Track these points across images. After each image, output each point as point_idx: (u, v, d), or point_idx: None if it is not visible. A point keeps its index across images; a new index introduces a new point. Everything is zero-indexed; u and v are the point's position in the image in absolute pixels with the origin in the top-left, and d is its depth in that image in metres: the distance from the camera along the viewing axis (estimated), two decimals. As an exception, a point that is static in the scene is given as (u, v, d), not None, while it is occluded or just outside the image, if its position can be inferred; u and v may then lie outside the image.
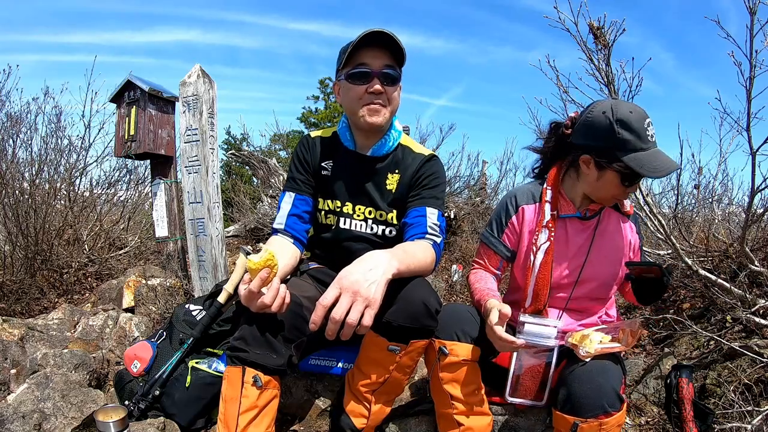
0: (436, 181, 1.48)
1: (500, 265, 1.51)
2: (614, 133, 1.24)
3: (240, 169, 8.40)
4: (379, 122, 1.41)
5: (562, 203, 1.42)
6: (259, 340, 1.21)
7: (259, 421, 1.19)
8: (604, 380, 1.17)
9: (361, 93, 1.38)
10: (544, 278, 1.37)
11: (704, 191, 3.11)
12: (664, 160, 1.24)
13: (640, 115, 1.25)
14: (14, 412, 1.42)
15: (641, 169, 1.22)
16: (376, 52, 1.36)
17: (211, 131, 2.38)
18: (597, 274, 1.39)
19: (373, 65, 1.36)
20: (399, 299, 1.22)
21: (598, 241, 1.40)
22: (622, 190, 1.31)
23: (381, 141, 1.48)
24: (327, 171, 1.52)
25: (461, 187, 6.05)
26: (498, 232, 1.49)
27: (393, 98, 1.42)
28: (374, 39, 1.33)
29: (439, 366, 1.31)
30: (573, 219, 1.40)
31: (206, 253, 2.36)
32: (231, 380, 1.21)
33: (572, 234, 1.40)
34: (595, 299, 1.43)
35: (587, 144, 1.32)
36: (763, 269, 2.01)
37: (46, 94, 3.55)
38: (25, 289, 2.76)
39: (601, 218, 1.41)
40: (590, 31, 2.04)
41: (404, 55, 1.38)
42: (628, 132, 1.23)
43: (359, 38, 1.32)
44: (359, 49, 1.34)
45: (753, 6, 1.58)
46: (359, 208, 1.50)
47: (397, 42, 1.33)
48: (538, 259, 1.37)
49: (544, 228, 1.38)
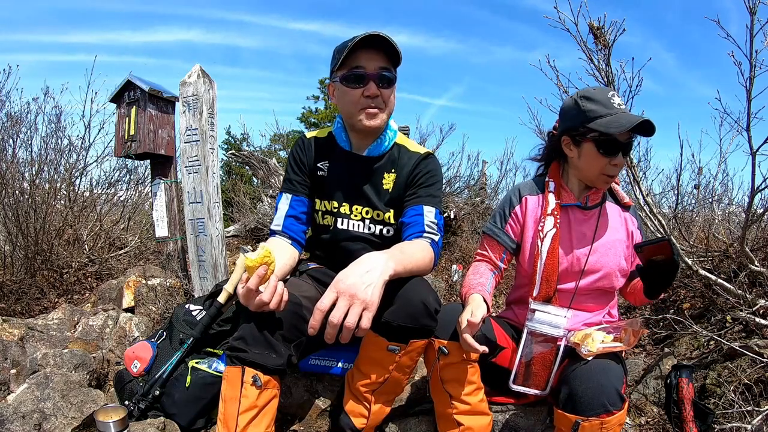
0: (433, 179, 1.48)
1: (503, 256, 1.50)
2: (580, 107, 1.36)
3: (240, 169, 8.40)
4: (376, 125, 1.41)
5: (564, 194, 1.46)
6: (258, 339, 1.21)
7: (259, 421, 1.19)
8: (605, 379, 1.17)
9: (358, 96, 1.37)
10: (552, 264, 1.39)
11: (704, 191, 3.11)
12: (629, 118, 1.30)
13: (604, 90, 1.37)
14: (14, 412, 1.42)
15: (608, 129, 1.30)
16: (371, 54, 1.35)
17: (211, 131, 2.38)
18: (602, 263, 1.40)
19: (368, 67, 1.35)
20: (398, 299, 1.22)
21: (601, 230, 1.43)
22: (604, 161, 1.35)
23: (377, 141, 1.48)
24: (323, 171, 1.52)
25: (461, 187, 6.06)
26: (501, 222, 1.51)
27: (389, 100, 1.42)
28: (369, 41, 1.32)
29: (438, 366, 1.31)
30: (574, 208, 1.44)
31: (206, 253, 2.36)
32: (230, 380, 1.21)
33: (575, 223, 1.43)
34: (601, 293, 1.44)
35: (563, 128, 1.43)
36: (763, 269, 2.01)
37: (46, 94, 3.56)
38: (25, 289, 2.76)
39: (602, 209, 1.45)
40: (590, 31, 2.04)
41: (400, 57, 1.38)
42: (592, 103, 1.34)
43: (354, 42, 1.31)
44: (354, 51, 1.34)
45: (753, 6, 1.58)
46: (356, 208, 1.50)
47: (392, 43, 1.33)
48: (545, 246, 1.40)
49: (549, 216, 1.42)
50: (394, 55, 1.37)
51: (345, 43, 1.35)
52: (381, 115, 1.40)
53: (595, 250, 1.41)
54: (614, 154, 1.34)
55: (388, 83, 1.39)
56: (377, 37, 1.31)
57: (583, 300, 1.42)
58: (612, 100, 1.34)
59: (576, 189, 1.46)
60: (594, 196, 1.45)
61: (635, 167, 2.22)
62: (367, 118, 1.39)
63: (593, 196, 1.45)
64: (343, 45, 1.36)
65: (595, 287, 1.42)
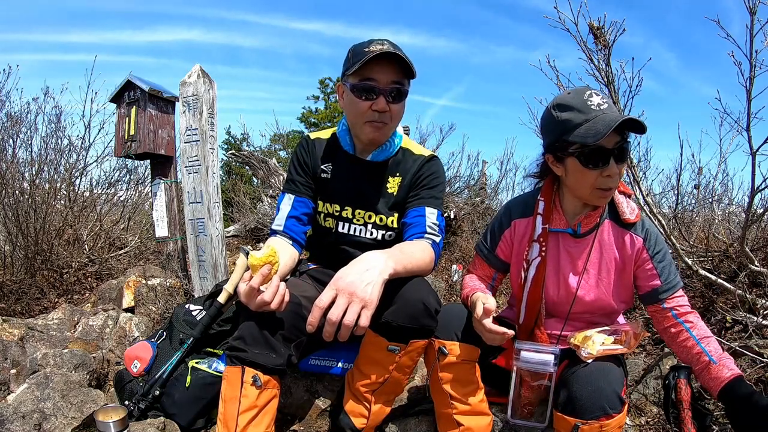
0: (436, 181, 1.48)
1: (494, 275, 1.48)
2: (555, 119, 1.20)
3: (240, 169, 8.40)
4: (381, 139, 1.41)
5: (555, 217, 1.35)
6: (258, 339, 1.21)
7: (259, 421, 1.19)
8: (605, 382, 1.16)
9: (365, 108, 1.35)
10: (536, 294, 1.33)
11: (704, 191, 3.11)
12: (606, 121, 1.13)
13: (579, 91, 1.21)
14: (14, 412, 1.42)
15: (586, 140, 1.14)
16: (386, 67, 1.31)
17: (211, 131, 2.38)
18: (595, 294, 1.33)
19: (380, 81, 1.32)
20: (398, 299, 1.22)
21: (594, 260, 1.32)
22: (593, 175, 1.19)
23: (382, 147, 1.47)
24: (326, 174, 1.51)
25: (461, 187, 6.05)
26: (492, 244, 1.46)
27: (399, 115, 1.40)
28: (385, 53, 1.29)
29: (438, 366, 1.31)
30: (565, 235, 1.33)
31: (206, 253, 2.36)
32: (230, 380, 1.21)
33: (565, 250, 1.34)
34: (600, 315, 1.38)
35: (545, 145, 1.30)
36: (763, 269, 2.01)
37: (46, 94, 3.57)
38: (25, 289, 2.76)
39: (598, 234, 1.31)
40: (590, 31, 2.04)
41: (414, 72, 1.34)
42: (566, 112, 1.19)
43: (369, 56, 1.27)
44: (368, 60, 1.30)
45: (753, 6, 1.58)
46: (359, 212, 1.50)
47: (407, 60, 1.29)
48: (530, 274, 1.34)
49: (534, 242, 1.34)
50: (408, 69, 1.33)
51: (362, 48, 1.31)
52: (386, 128, 1.39)
53: (586, 281, 1.32)
54: (602, 165, 1.17)
55: (399, 97, 1.36)
56: (393, 53, 1.28)
57: (579, 320, 1.38)
58: (590, 101, 1.17)
59: (571, 209, 1.33)
60: (588, 221, 1.31)
61: (635, 167, 2.22)
62: (372, 131, 1.38)
63: (587, 220, 1.31)
64: (359, 50, 1.32)
65: (590, 312, 1.37)
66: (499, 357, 1.39)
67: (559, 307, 1.37)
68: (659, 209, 2.57)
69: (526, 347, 1.26)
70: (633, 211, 1.30)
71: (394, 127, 1.43)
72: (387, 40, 1.34)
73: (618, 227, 1.32)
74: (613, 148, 1.17)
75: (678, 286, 1.29)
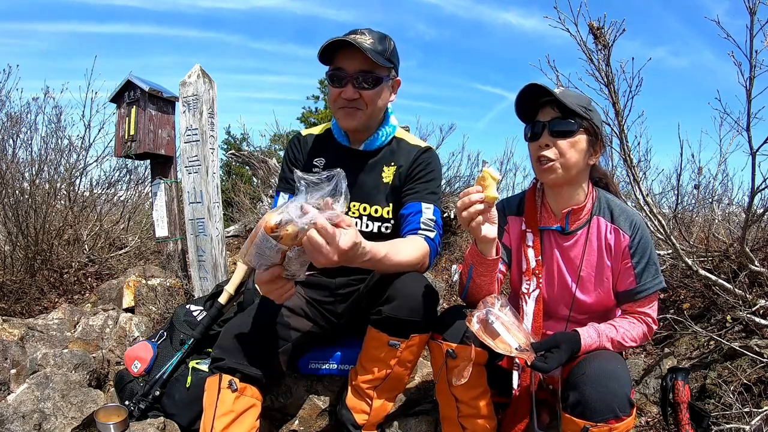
0: (432, 174, 1.47)
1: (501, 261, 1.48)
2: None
3: (240, 169, 8.39)
4: (353, 126, 1.39)
5: (545, 215, 1.37)
6: (236, 349, 1.23)
7: (235, 428, 1.19)
8: (617, 385, 1.13)
9: (336, 96, 1.36)
10: (537, 326, 1.33)
11: (704, 191, 3.11)
12: (524, 89, 1.26)
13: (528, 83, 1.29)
14: (14, 412, 1.42)
15: (515, 111, 1.30)
16: (352, 55, 1.31)
17: (211, 131, 2.38)
18: (593, 296, 1.33)
19: (347, 68, 1.32)
20: (396, 294, 1.23)
21: (588, 258, 1.32)
22: (533, 148, 1.29)
23: (373, 136, 1.47)
24: (318, 168, 1.50)
25: (461, 187, 6.04)
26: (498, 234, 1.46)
27: (372, 101, 1.37)
28: (339, 41, 1.28)
29: (446, 369, 1.29)
30: (555, 233, 1.35)
31: (206, 253, 2.36)
32: (209, 388, 1.23)
33: (557, 249, 1.35)
34: (597, 316, 1.37)
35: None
36: (763, 269, 2.01)
37: (46, 94, 3.56)
38: (25, 289, 2.76)
39: (589, 230, 1.32)
40: (590, 31, 2.04)
41: (385, 57, 1.33)
42: (515, 101, 1.30)
43: (323, 45, 1.28)
44: (336, 50, 1.31)
45: (753, 6, 1.58)
46: (353, 204, 1.49)
47: (362, 49, 1.27)
48: (529, 308, 1.34)
49: (533, 276, 1.35)
50: (378, 56, 1.31)
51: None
52: (359, 115, 1.38)
53: (583, 281, 1.32)
54: (537, 137, 1.26)
55: (371, 84, 1.34)
56: (355, 39, 1.28)
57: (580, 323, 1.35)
58: (526, 85, 1.26)
59: (554, 205, 1.35)
60: (575, 218, 1.32)
61: (635, 167, 2.22)
62: (344, 116, 1.38)
63: (573, 217, 1.32)
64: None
65: (590, 312, 1.36)
66: (505, 360, 1.38)
67: (558, 308, 1.37)
68: (659, 209, 2.57)
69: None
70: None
71: (372, 113, 1.40)
72: (367, 30, 1.35)
73: (608, 222, 1.32)
74: (547, 122, 1.25)
75: (650, 291, 1.27)
